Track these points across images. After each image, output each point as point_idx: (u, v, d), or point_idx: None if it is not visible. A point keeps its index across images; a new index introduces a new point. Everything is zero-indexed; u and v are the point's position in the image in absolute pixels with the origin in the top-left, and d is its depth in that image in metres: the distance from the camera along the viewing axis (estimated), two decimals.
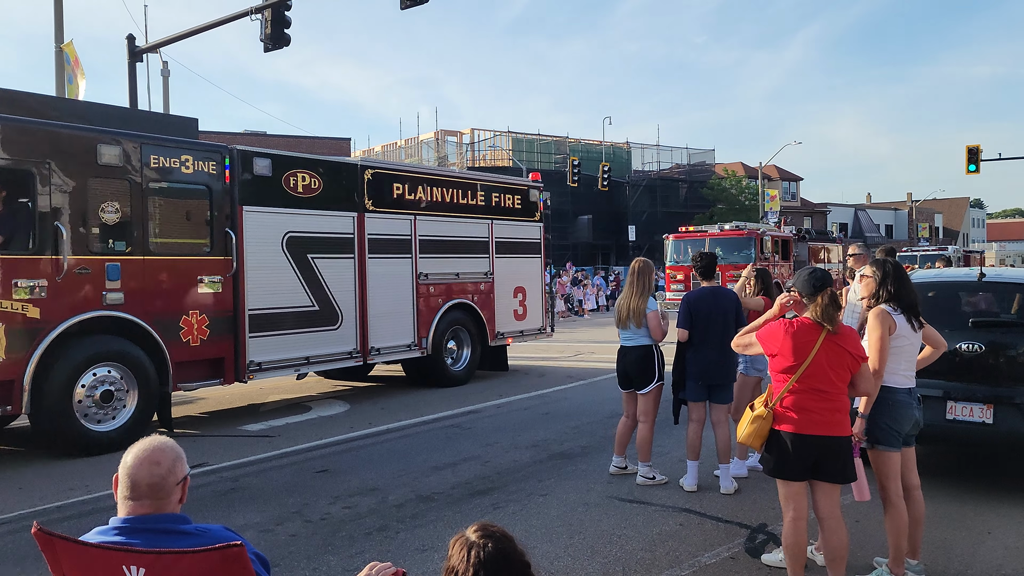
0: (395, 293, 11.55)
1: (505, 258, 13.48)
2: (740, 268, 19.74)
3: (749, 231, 24.42)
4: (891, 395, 4.56)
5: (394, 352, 11.61)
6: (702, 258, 6.98)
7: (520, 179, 14.74)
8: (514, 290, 13.73)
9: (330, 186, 10.71)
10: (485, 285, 13.11)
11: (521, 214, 13.92)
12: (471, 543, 2.08)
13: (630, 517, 5.95)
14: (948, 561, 5.03)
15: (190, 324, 9.14)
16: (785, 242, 26.40)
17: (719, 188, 53.60)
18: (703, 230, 25.66)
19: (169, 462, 2.34)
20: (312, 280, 10.40)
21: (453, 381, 12.46)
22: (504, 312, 13.48)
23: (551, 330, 15.05)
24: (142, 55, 19.76)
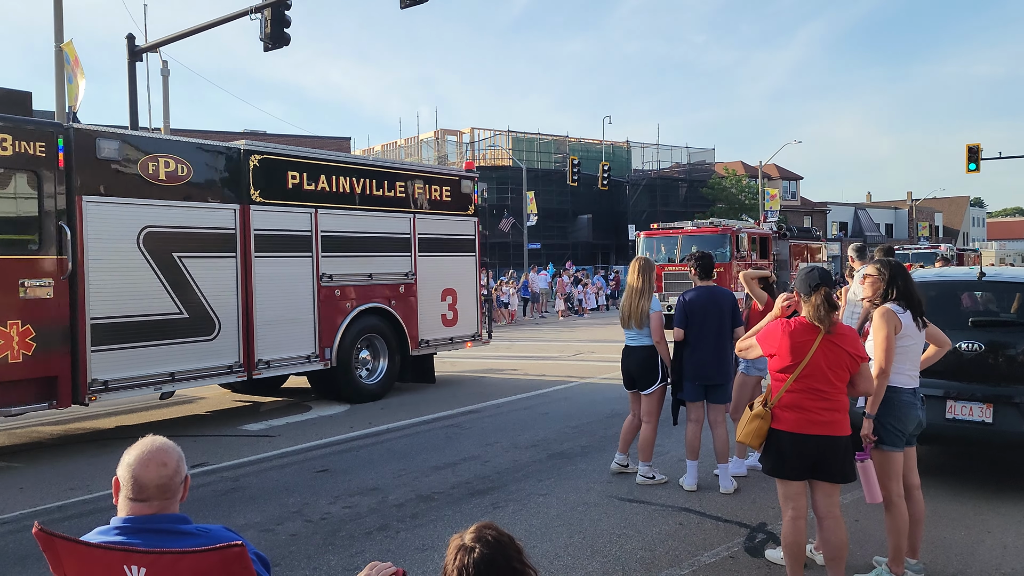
0: (290, 297, 10.18)
1: (431, 257, 12.11)
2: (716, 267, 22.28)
3: (724, 228, 22.99)
4: (896, 395, 4.56)
5: (289, 364, 10.23)
6: (699, 257, 6.97)
7: (450, 169, 13.26)
8: (442, 292, 12.38)
9: (203, 173, 9.32)
10: (406, 287, 11.74)
11: (451, 208, 12.51)
12: (461, 546, 2.11)
13: (630, 517, 5.95)
14: (947, 560, 5.03)
15: (7, 336, 7.68)
16: (764, 240, 24.85)
17: (719, 187, 53.60)
18: (676, 227, 24.12)
19: (175, 463, 2.37)
20: (179, 283, 8.99)
21: (365, 396, 11.10)
22: (430, 317, 12.12)
23: (488, 336, 13.64)
24: (142, 55, 19.77)
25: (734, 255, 22.57)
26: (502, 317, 27.14)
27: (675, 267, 22.62)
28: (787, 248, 26.84)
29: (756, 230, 24.82)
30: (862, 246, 9.86)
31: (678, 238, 23.34)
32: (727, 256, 22.42)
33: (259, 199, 9.86)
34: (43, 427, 9.95)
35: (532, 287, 30.44)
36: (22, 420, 10.40)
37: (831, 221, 69.53)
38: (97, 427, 9.89)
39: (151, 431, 2.51)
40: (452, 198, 12.56)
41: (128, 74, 19.40)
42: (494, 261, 41.95)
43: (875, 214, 76.32)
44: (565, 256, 42.35)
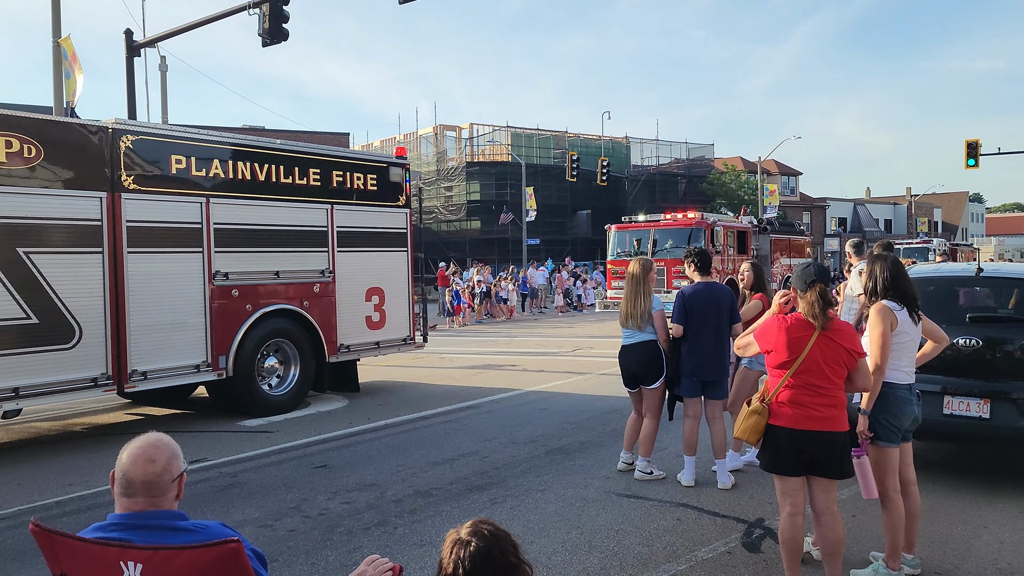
0: (174, 299, 8.99)
1: (353, 252, 10.98)
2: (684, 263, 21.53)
3: (698, 221, 21.70)
4: (892, 391, 4.57)
5: (172, 375, 9.00)
6: (698, 254, 6.97)
7: (375, 154, 11.92)
8: (367, 292, 11.25)
9: (57, 156, 8.05)
10: (322, 287, 10.58)
11: (377, 198, 11.37)
12: (457, 540, 2.12)
13: (628, 512, 5.97)
14: (944, 555, 5.05)
15: None
16: (742, 234, 23.56)
17: (718, 183, 53.60)
18: (650, 220, 22.79)
19: (164, 460, 2.33)
20: (26, 283, 7.78)
21: (271, 408, 9.96)
22: (351, 319, 10.98)
23: (423, 339, 12.64)
24: (140, 50, 19.73)
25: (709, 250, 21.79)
26: (501, 313, 27.15)
27: None
28: (768, 243, 25.81)
29: (734, 223, 23.63)
30: (859, 242, 9.86)
31: (650, 231, 22.25)
32: None
33: (133, 186, 8.60)
34: (41, 423, 9.96)
35: (531, 283, 30.46)
36: (20, 416, 10.40)
37: (830, 217, 69.56)
38: (96, 422, 9.90)
39: (150, 427, 2.51)
40: (379, 187, 11.42)
41: (126, 69, 19.36)
42: (493, 257, 41.97)
43: (874, 210, 76.34)
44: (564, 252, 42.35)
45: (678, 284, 18.90)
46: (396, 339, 11.79)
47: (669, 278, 20.63)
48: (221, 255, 9.43)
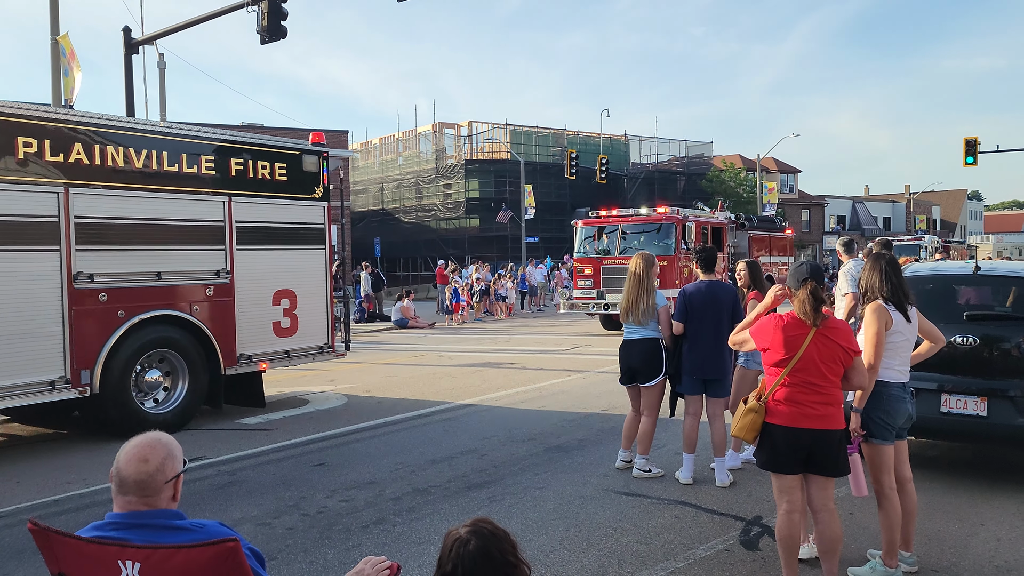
0: (20, 304, 7.71)
1: (257, 251, 9.76)
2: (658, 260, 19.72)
3: (667, 216, 19.90)
4: (885, 389, 4.59)
5: (17, 394, 7.69)
6: (701, 251, 6.98)
7: (286, 141, 10.66)
8: (274, 295, 10.00)
9: None
10: (217, 289, 9.30)
11: (288, 189, 10.14)
12: (457, 539, 2.14)
13: (626, 510, 5.98)
14: (941, 553, 5.06)
15: None
16: (717, 230, 21.87)
17: (717, 180, 53.60)
18: (619, 215, 20.89)
19: (158, 460, 2.32)
20: None
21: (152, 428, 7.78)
22: (254, 326, 9.74)
23: (345, 348, 11.52)
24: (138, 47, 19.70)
25: (679, 247, 19.47)
26: (500, 311, 27.14)
27: (614, 260, 19.56)
28: (746, 239, 23.75)
29: (708, 219, 21.95)
30: (850, 240, 9.87)
31: (618, 227, 20.24)
32: (671, 248, 19.39)
33: None
34: None
35: (530, 280, 30.46)
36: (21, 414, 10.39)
37: (829, 214, 69.59)
38: None
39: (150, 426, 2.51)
40: (290, 177, 10.17)
41: (124, 67, 19.35)
42: (492, 254, 41.97)
43: (873, 207, 76.36)
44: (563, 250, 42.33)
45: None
46: (311, 347, 10.58)
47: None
48: (85, 254, 8.14)
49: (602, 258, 20.04)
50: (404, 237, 49.25)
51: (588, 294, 20.13)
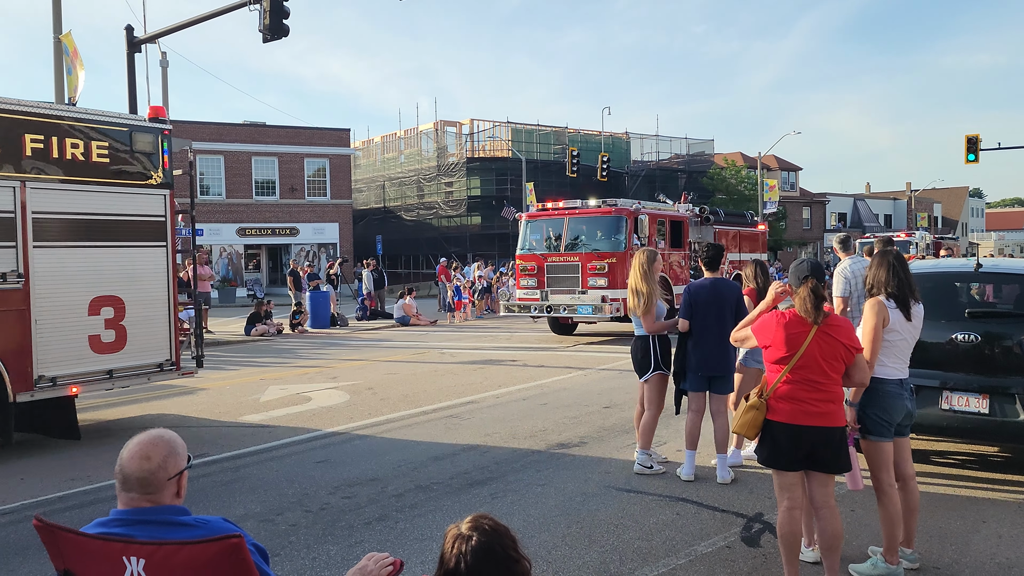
0: None
1: (65, 248, 8.10)
2: (605, 257, 17.10)
3: (618, 209, 17.72)
4: (881, 386, 4.60)
5: None
6: (707, 248, 7.00)
7: (109, 114, 8.77)
8: (92, 303, 8.30)
9: None
10: (3, 297, 7.62)
11: (110, 173, 8.47)
12: (459, 535, 2.15)
13: (627, 507, 5.99)
14: (943, 549, 5.07)
15: None
16: (676, 224, 19.59)
17: (718, 178, 53.60)
18: (567, 207, 18.65)
19: (160, 457, 2.33)
20: None
21: None
22: (60, 341, 8.04)
23: (197, 364, 9.92)
24: (141, 46, 19.72)
25: (631, 243, 17.10)
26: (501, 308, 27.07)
27: (560, 258, 17.67)
28: (712, 235, 21.58)
29: (666, 212, 19.77)
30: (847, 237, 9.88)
31: (564, 221, 18.01)
32: (622, 243, 17.12)
33: None
34: None
35: None
36: None
37: (830, 212, 69.55)
38: (99, 418, 9.93)
39: (153, 422, 2.53)
40: (115, 158, 8.53)
41: (127, 65, 19.37)
42: (493, 252, 41.98)
43: (874, 205, 76.32)
44: None
45: (595, 284, 16.91)
46: (145, 365, 8.82)
47: (584, 277, 17.15)
48: None
49: (547, 255, 17.89)
50: (405, 235, 49.27)
51: (531, 295, 17.98)
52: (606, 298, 16.56)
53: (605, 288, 16.71)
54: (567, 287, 17.30)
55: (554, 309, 17.50)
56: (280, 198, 40.42)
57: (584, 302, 16.92)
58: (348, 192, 43.41)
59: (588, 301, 16.86)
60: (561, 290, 17.40)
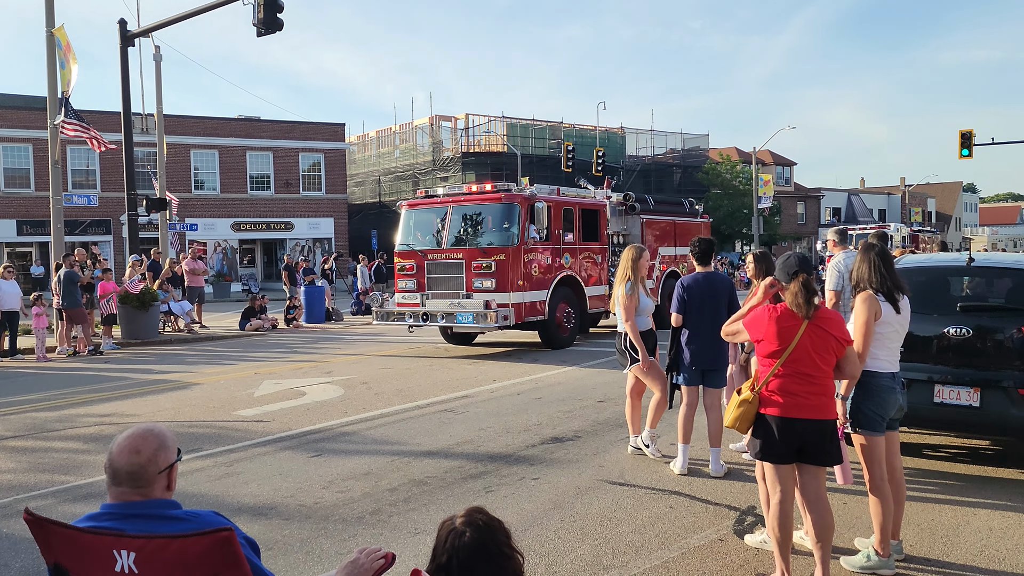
0: None
1: None
2: (493, 253, 14.06)
3: (510, 195, 14.53)
4: (874, 380, 4.63)
5: None
6: (699, 243, 7.00)
7: None
8: None
9: None
10: None
11: None
12: (452, 529, 2.16)
13: (620, 500, 6.01)
14: (932, 541, 5.10)
15: None
16: (591, 213, 16.48)
17: (714, 173, 53.61)
18: (450, 193, 15.81)
19: (150, 451, 2.33)
20: None
21: None
22: None
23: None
24: (134, 40, 19.66)
25: (525, 236, 14.34)
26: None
27: (442, 255, 14.64)
28: (639, 225, 18.16)
29: (573, 199, 16.52)
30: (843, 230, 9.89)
31: (447, 209, 15.00)
32: (513, 237, 14.21)
33: None
34: (38, 412, 9.97)
35: None
36: (18, 405, 10.42)
37: (824, 207, 69.63)
38: (92, 412, 9.91)
39: (147, 417, 2.53)
40: None
41: (120, 59, 19.31)
42: None
43: (868, 199, 76.43)
44: None
45: (479, 286, 14.07)
46: None
47: (468, 278, 14.19)
48: None
49: (426, 251, 14.83)
50: None
51: (410, 299, 14.91)
52: (491, 303, 13.72)
53: (492, 291, 13.93)
54: (450, 290, 14.46)
55: (431, 317, 14.33)
56: (275, 193, 40.35)
57: (465, 308, 14.03)
58: (343, 187, 43.35)
59: (469, 307, 13.99)
60: (443, 293, 14.51)
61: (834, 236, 9.79)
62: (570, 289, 15.61)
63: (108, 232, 36.51)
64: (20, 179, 35.00)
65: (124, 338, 17.72)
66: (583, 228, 16.11)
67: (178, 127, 36.16)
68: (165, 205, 21.75)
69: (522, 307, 14.16)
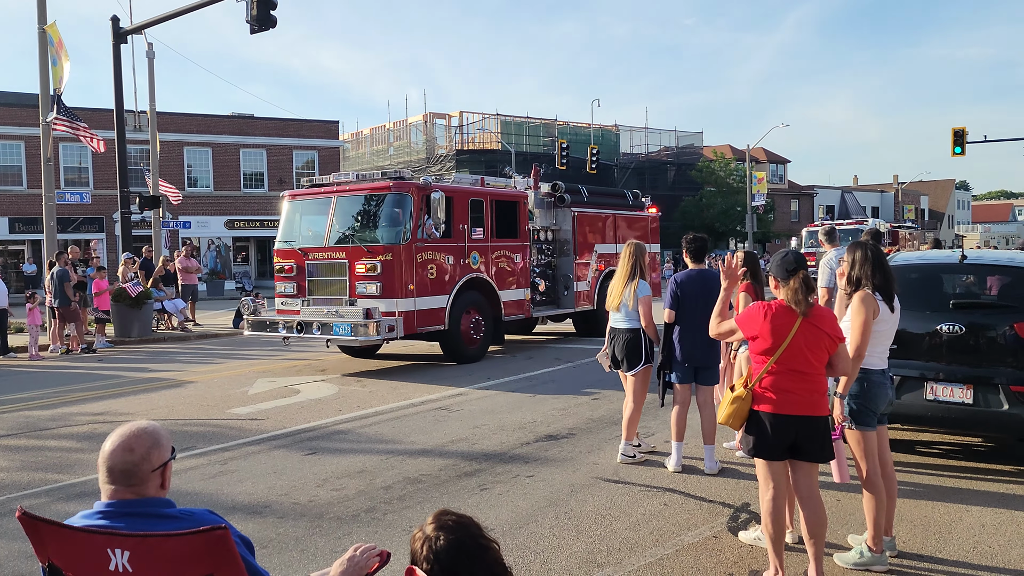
0: None
1: None
2: (378, 252, 11.90)
3: (400, 184, 12.37)
4: (867, 376, 4.66)
5: None
6: (692, 240, 6.99)
7: None
8: None
9: None
10: None
11: None
12: (426, 537, 2.16)
13: (615, 497, 6.02)
14: (925, 537, 5.12)
15: None
16: (507, 205, 14.32)
17: (707, 170, 53.69)
18: (338, 182, 13.24)
19: (143, 449, 2.33)
20: None
21: None
22: None
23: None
24: (127, 36, 19.58)
25: (417, 231, 12.18)
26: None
27: (323, 253, 12.56)
28: (570, 219, 15.80)
29: (483, 188, 14.13)
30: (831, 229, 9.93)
31: (331, 201, 12.81)
32: (401, 234, 12.04)
33: None
34: (31, 411, 9.93)
35: None
36: (10, 404, 10.38)
37: (818, 204, 69.79)
38: (85, 410, 9.88)
39: (140, 415, 2.52)
40: None
41: (113, 56, 19.23)
42: None
43: (862, 197, 76.65)
44: None
45: (364, 291, 11.92)
46: None
47: (352, 281, 12.13)
48: None
49: (307, 249, 12.77)
50: None
51: (290, 305, 12.86)
52: (373, 312, 11.46)
53: (377, 297, 11.81)
54: (333, 295, 12.35)
55: (306, 327, 12.08)
56: (269, 190, 40.22)
57: (343, 317, 11.85)
58: None
59: (348, 316, 11.80)
60: (325, 299, 12.43)
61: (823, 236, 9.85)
62: (480, 293, 13.35)
63: (101, 230, 36.37)
64: (12, 176, 34.84)
65: (117, 336, 17.68)
66: (497, 223, 13.92)
67: (171, 124, 36.02)
68: (158, 203, 21.67)
69: (413, 315, 12.04)
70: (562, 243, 15.78)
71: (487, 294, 13.57)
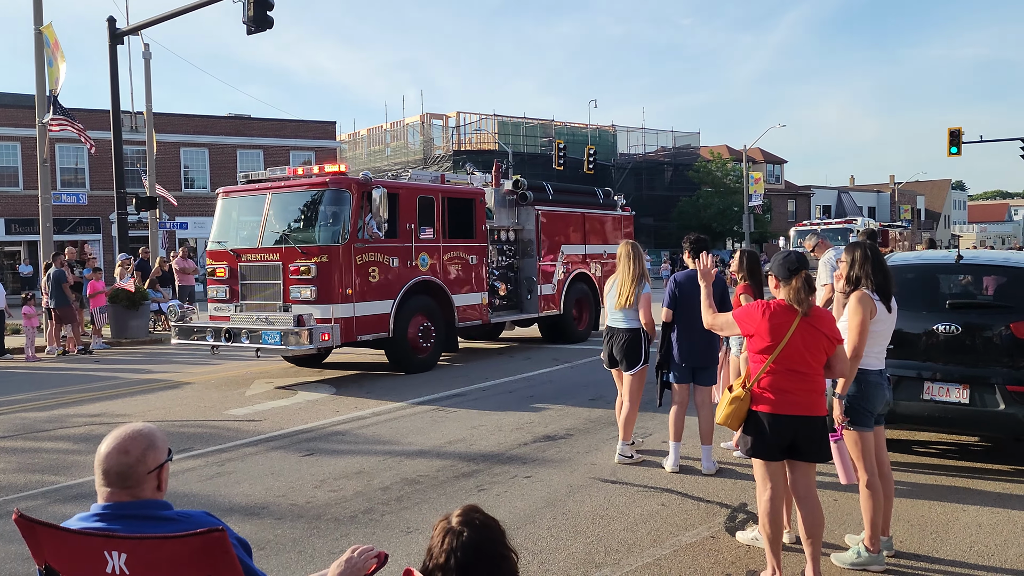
0: None
1: None
2: (313, 254, 11.05)
3: (338, 179, 11.47)
4: (864, 376, 4.66)
5: None
6: (694, 241, 6.99)
7: None
8: None
9: None
10: None
11: None
12: (449, 528, 2.14)
13: (612, 498, 6.02)
14: (922, 538, 5.13)
15: None
16: (461, 203, 13.29)
17: (704, 171, 53.74)
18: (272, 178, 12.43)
19: (139, 451, 2.32)
20: None
21: None
22: None
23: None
24: (123, 37, 19.56)
25: (356, 230, 11.28)
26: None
27: (257, 255, 11.63)
28: (533, 219, 14.77)
29: (434, 185, 13.24)
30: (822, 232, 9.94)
31: (266, 198, 11.92)
32: (339, 233, 11.18)
33: None
34: (27, 412, 9.92)
35: None
36: (7, 405, 10.36)
37: (815, 204, 69.87)
38: (82, 412, 9.86)
39: (137, 416, 2.52)
40: None
41: (109, 57, 19.21)
42: None
43: (858, 197, 76.74)
44: None
45: (298, 295, 11.05)
46: None
47: (286, 285, 11.22)
48: None
49: (240, 250, 11.86)
50: None
51: (222, 311, 11.98)
52: (305, 318, 10.62)
53: (312, 302, 10.96)
54: (267, 299, 11.48)
55: (236, 335, 11.19)
56: None
57: (273, 325, 10.98)
58: None
59: (279, 324, 10.92)
60: (258, 304, 11.57)
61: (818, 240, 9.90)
62: (430, 298, 12.45)
63: (97, 231, 36.31)
64: (8, 177, 34.76)
65: (114, 337, 17.65)
66: (450, 222, 12.87)
67: (168, 125, 35.96)
68: (155, 204, 21.64)
69: (353, 322, 11.11)
70: (525, 244, 14.81)
71: (439, 298, 12.63)
